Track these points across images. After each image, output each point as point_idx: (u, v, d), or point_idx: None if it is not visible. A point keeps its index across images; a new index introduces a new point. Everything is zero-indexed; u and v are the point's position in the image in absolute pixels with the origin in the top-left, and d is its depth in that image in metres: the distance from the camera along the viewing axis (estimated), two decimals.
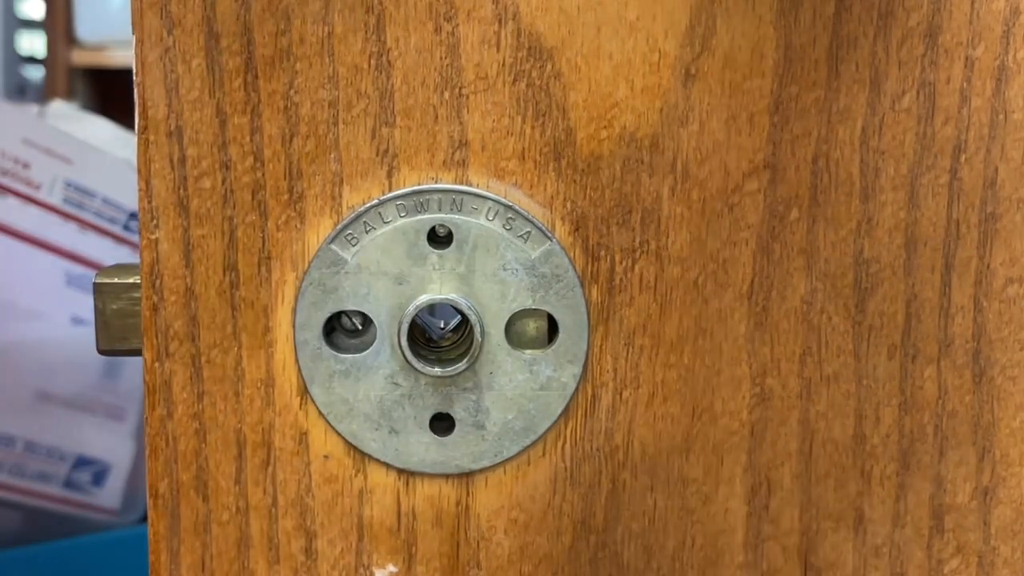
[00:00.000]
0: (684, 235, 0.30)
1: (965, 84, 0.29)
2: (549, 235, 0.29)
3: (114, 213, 0.90)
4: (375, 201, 0.29)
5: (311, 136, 0.29)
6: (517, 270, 0.29)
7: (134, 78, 0.29)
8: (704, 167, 0.29)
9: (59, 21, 1.72)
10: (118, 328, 0.31)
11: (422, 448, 0.30)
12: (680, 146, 0.29)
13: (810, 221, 0.30)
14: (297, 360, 0.30)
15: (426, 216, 0.29)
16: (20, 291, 0.85)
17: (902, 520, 0.31)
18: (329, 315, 0.29)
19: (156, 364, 0.30)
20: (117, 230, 0.90)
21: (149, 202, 0.29)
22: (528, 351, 0.30)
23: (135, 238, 0.88)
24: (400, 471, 0.30)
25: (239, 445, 0.30)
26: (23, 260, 0.85)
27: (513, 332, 0.30)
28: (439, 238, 0.29)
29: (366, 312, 0.29)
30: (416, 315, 0.29)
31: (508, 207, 0.29)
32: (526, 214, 0.29)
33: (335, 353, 0.30)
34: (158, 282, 0.29)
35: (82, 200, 0.88)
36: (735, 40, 0.29)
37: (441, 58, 0.29)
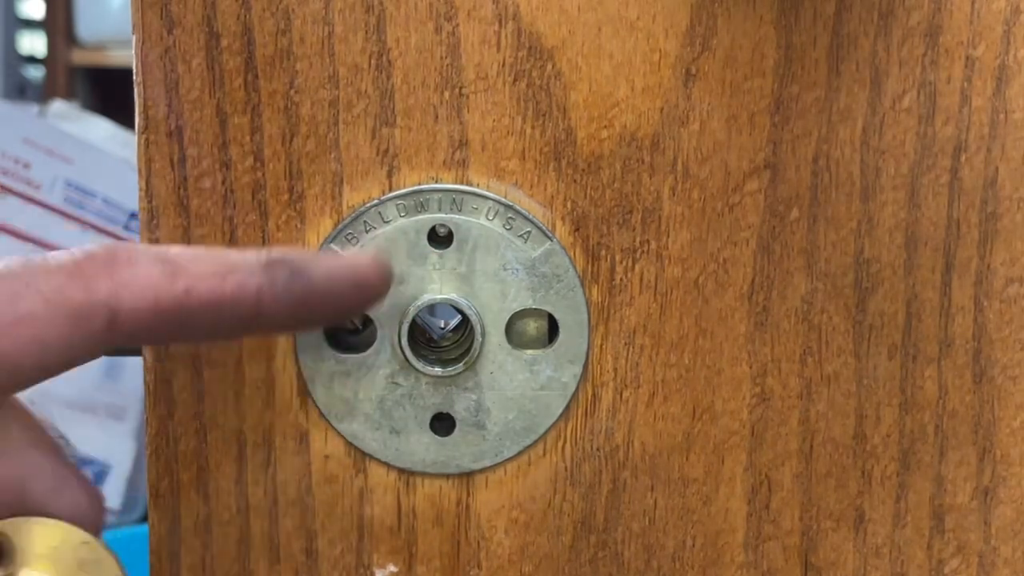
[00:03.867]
0: (684, 235, 0.30)
1: (966, 84, 0.29)
2: (549, 235, 0.29)
3: (114, 213, 0.90)
4: (375, 201, 0.29)
5: (311, 136, 0.29)
6: (517, 270, 0.29)
7: (134, 78, 0.29)
8: (705, 167, 0.29)
9: (59, 21, 1.72)
10: None
11: (422, 448, 0.30)
12: (681, 146, 0.29)
13: (810, 221, 0.30)
14: (297, 360, 0.30)
15: (426, 216, 0.29)
16: None
17: (902, 520, 0.31)
18: None
19: (156, 364, 0.30)
20: (117, 230, 0.90)
21: (149, 202, 0.29)
22: (528, 351, 0.30)
23: (135, 238, 0.88)
24: (400, 471, 0.30)
25: (239, 445, 0.30)
26: None
27: (513, 332, 0.30)
28: (439, 238, 0.29)
29: (366, 312, 0.29)
30: (416, 315, 0.29)
31: (508, 207, 0.29)
32: (526, 214, 0.29)
33: (335, 353, 0.30)
34: None
35: (82, 200, 0.88)
36: (736, 40, 0.29)
37: (441, 58, 0.29)
